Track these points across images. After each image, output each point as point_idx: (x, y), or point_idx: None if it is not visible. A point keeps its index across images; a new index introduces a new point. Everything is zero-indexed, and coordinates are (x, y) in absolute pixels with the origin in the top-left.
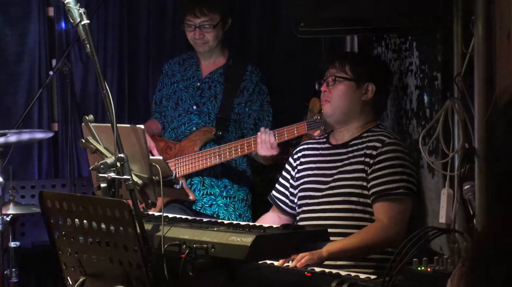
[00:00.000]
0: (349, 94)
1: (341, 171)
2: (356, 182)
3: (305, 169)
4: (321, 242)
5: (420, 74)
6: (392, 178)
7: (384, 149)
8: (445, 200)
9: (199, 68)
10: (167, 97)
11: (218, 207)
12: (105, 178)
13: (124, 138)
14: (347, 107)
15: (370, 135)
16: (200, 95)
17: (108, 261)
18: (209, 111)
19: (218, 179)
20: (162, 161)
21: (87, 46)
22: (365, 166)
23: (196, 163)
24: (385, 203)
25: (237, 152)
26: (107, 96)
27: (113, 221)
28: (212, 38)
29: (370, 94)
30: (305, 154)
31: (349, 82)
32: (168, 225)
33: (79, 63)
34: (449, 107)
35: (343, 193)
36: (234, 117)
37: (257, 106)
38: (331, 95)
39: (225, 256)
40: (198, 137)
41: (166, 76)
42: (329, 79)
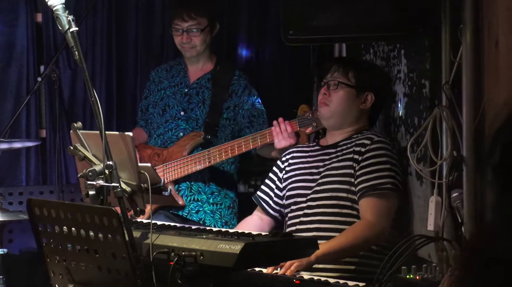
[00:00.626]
0: (349, 101)
1: (329, 167)
2: (344, 178)
3: (294, 169)
4: (310, 250)
5: (409, 82)
6: (379, 174)
7: (372, 146)
8: (433, 207)
9: (186, 74)
10: (154, 104)
11: (205, 214)
12: (94, 185)
13: (112, 145)
14: (345, 114)
15: (360, 135)
16: (188, 101)
17: (97, 269)
18: (197, 117)
19: (205, 184)
20: (150, 168)
21: (75, 53)
22: (354, 162)
23: (186, 167)
24: (371, 199)
25: (228, 154)
26: (96, 103)
27: (101, 228)
28: (199, 43)
29: (368, 103)
30: (294, 156)
31: (350, 89)
32: (156, 233)
33: (67, 69)
34: (437, 115)
35: (330, 189)
36: (222, 123)
37: (249, 106)
38: (331, 99)
39: (213, 263)
40: (187, 142)
41: (153, 83)
42: (331, 83)
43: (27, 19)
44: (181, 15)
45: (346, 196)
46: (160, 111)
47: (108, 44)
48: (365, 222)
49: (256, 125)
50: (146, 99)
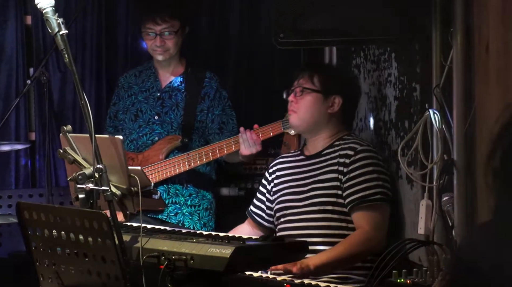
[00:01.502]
0: (316, 106)
1: (315, 180)
2: (331, 191)
3: (281, 182)
4: (301, 254)
5: (399, 85)
6: (368, 185)
7: (357, 156)
8: (424, 211)
9: (157, 78)
10: (124, 110)
11: (184, 216)
12: (83, 188)
13: (102, 149)
14: (313, 119)
15: (342, 143)
16: (161, 105)
17: (86, 273)
18: (171, 121)
19: (183, 187)
20: (140, 172)
21: (65, 56)
22: (339, 174)
23: (164, 171)
24: (364, 211)
25: (208, 157)
26: (85, 107)
27: (91, 232)
28: (172, 46)
29: (336, 107)
30: (280, 167)
31: (316, 94)
32: (146, 236)
33: (57, 72)
34: (428, 118)
35: (318, 203)
36: (197, 125)
37: (220, 111)
38: (298, 106)
39: (204, 267)
40: (163, 146)
41: (123, 89)
42: (297, 89)
43: (17, 21)
44: (154, 19)
45: (333, 209)
46: (132, 117)
47: (97, 47)
48: (362, 231)
49: (226, 132)
50: (115, 105)
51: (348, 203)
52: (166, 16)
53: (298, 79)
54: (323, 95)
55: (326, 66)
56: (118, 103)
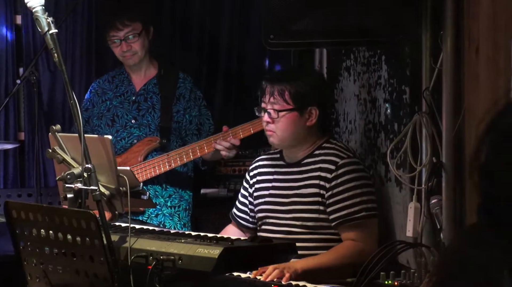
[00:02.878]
0: (294, 124)
1: (296, 193)
2: (312, 207)
3: (262, 188)
4: (289, 255)
5: (389, 88)
6: (352, 201)
7: (339, 171)
8: (412, 213)
9: (131, 82)
10: (99, 116)
11: (164, 217)
12: (72, 188)
13: (91, 148)
14: (294, 136)
15: (323, 153)
16: (137, 108)
17: (74, 273)
18: (149, 123)
19: (162, 188)
20: (129, 172)
21: (55, 55)
22: (321, 189)
23: (146, 172)
24: (351, 229)
25: (189, 156)
26: (75, 106)
27: (79, 232)
28: (139, 48)
29: (314, 118)
30: (261, 171)
31: (291, 113)
32: (135, 236)
33: (46, 72)
34: (417, 121)
35: (300, 218)
36: (174, 126)
37: (196, 112)
38: (276, 127)
39: (192, 268)
40: (142, 148)
41: (96, 95)
42: (271, 111)
43: (6, 21)
44: (114, 25)
45: (315, 225)
46: (108, 122)
47: (88, 47)
48: (353, 244)
49: (203, 132)
50: (87, 111)
51: (332, 220)
52: (125, 19)
53: (268, 97)
54: (299, 111)
55: (294, 77)
56: (92, 109)
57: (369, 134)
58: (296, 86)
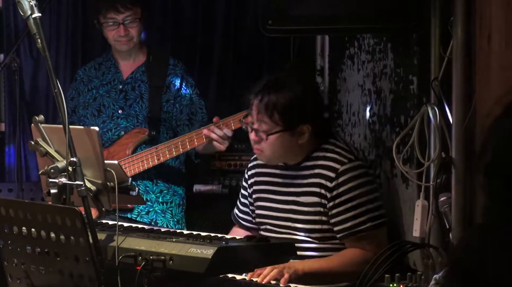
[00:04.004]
0: (284, 144)
1: (296, 201)
2: (315, 217)
3: (260, 190)
4: (287, 256)
5: (395, 78)
6: (356, 212)
7: (339, 179)
8: (420, 212)
9: (118, 70)
10: (85, 106)
11: (156, 214)
12: (56, 183)
13: (77, 141)
14: (284, 155)
15: (321, 157)
16: (124, 98)
17: (58, 273)
18: (136, 114)
19: (153, 183)
20: (117, 166)
21: (38, 41)
22: (322, 198)
23: (131, 167)
24: (357, 241)
25: (178, 149)
26: (59, 95)
27: (63, 229)
28: (136, 34)
29: (307, 135)
30: (258, 172)
31: (282, 133)
32: (123, 235)
33: (29, 59)
34: (425, 113)
35: (303, 229)
36: (164, 117)
37: (187, 101)
38: (263, 146)
39: (184, 269)
40: (130, 141)
41: (82, 83)
42: (259, 131)
43: None
44: (114, 7)
45: (321, 236)
46: (94, 112)
47: (73, 32)
48: (361, 252)
49: (195, 123)
50: (73, 100)
51: (337, 232)
52: (128, 2)
53: (255, 115)
54: (289, 131)
55: (282, 91)
56: (77, 98)
57: (373, 127)
58: (285, 105)
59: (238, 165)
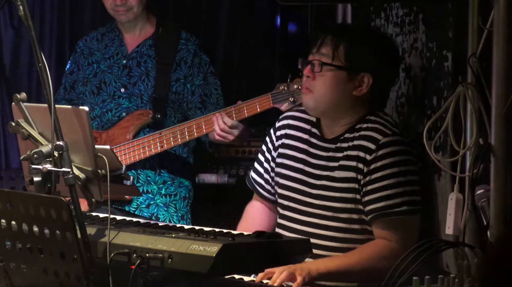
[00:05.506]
0: (338, 87)
1: (329, 175)
2: (348, 195)
3: (287, 156)
4: (302, 255)
5: (427, 54)
6: (391, 192)
7: (379, 152)
8: (453, 206)
9: (123, 42)
10: (84, 81)
11: (157, 207)
12: (39, 170)
13: (64, 122)
14: (333, 102)
15: (364, 128)
16: (128, 74)
17: (41, 272)
18: (141, 93)
19: (155, 173)
20: (110, 151)
21: (20, 8)
22: (358, 173)
23: (132, 154)
24: (387, 224)
25: (184, 136)
26: (44, 71)
27: (48, 223)
28: (136, 3)
29: (365, 88)
30: (290, 134)
31: (339, 72)
32: (115, 229)
33: (9, 29)
34: (461, 94)
35: (332, 208)
36: (172, 98)
37: (200, 80)
38: (315, 83)
39: (184, 268)
40: (131, 123)
41: (82, 56)
42: (315, 62)
43: None
44: None
45: (350, 217)
46: (94, 90)
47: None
48: (385, 244)
49: (209, 105)
50: (72, 74)
51: (368, 212)
52: None
53: (318, 47)
54: (348, 73)
55: (355, 31)
56: (77, 73)
57: (401, 109)
58: (355, 43)
59: (247, 151)
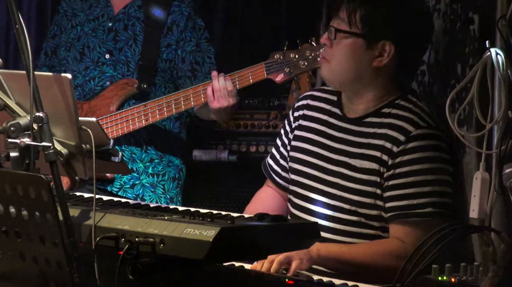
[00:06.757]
0: (356, 56)
1: (349, 164)
2: (368, 188)
3: (303, 139)
4: (309, 239)
5: (451, 16)
6: (418, 190)
7: (409, 144)
8: (479, 187)
9: (109, 3)
10: (67, 46)
11: (143, 188)
12: (17, 144)
13: (44, 91)
14: (352, 73)
15: (393, 114)
16: (113, 39)
17: (18, 258)
18: (127, 60)
19: (142, 149)
20: (95, 124)
21: None
22: (381, 166)
23: (115, 127)
24: (407, 225)
25: (171, 109)
26: (22, 34)
27: (26, 203)
28: None
29: (386, 58)
30: (308, 115)
31: (356, 39)
32: (101, 211)
33: None
34: (489, 61)
35: (350, 201)
36: (162, 66)
37: (193, 46)
38: (332, 52)
39: (178, 254)
40: (115, 93)
41: (65, 18)
42: (331, 29)
43: None
44: None
45: (369, 213)
46: (76, 56)
47: None
48: (399, 244)
49: (200, 75)
50: (54, 38)
51: (388, 209)
52: None
53: (336, 11)
54: (367, 41)
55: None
56: (60, 36)
57: (422, 78)
58: (374, 7)
59: (249, 125)
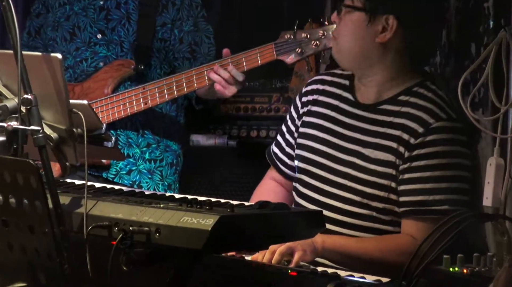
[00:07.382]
0: (358, 31)
1: (362, 153)
2: (382, 180)
3: (312, 125)
4: (313, 229)
5: None
6: (434, 186)
7: (428, 137)
8: (493, 173)
9: None
10: (55, 26)
11: (140, 175)
12: (4, 128)
13: (33, 72)
14: (356, 50)
15: (411, 103)
16: (105, 18)
17: (6, 248)
18: (121, 40)
19: (138, 134)
20: (87, 107)
21: None
22: (397, 158)
23: (110, 111)
24: (420, 222)
25: (172, 92)
26: (8, 9)
27: (14, 190)
28: None
29: (388, 33)
30: (318, 100)
31: (359, 14)
32: (93, 199)
33: None
34: (504, 40)
35: (362, 193)
36: (157, 45)
37: (190, 26)
38: (339, 29)
39: (174, 244)
40: (110, 75)
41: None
42: (341, 8)
43: None
44: None
45: (383, 207)
46: (65, 36)
47: None
48: (410, 240)
49: (199, 56)
50: (38, 17)
51: (401, 204)
52: None
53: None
54: (369, 14)
55: None
56: (45, 15)
57: (433, 59)
58: None
59: (250, 108)
